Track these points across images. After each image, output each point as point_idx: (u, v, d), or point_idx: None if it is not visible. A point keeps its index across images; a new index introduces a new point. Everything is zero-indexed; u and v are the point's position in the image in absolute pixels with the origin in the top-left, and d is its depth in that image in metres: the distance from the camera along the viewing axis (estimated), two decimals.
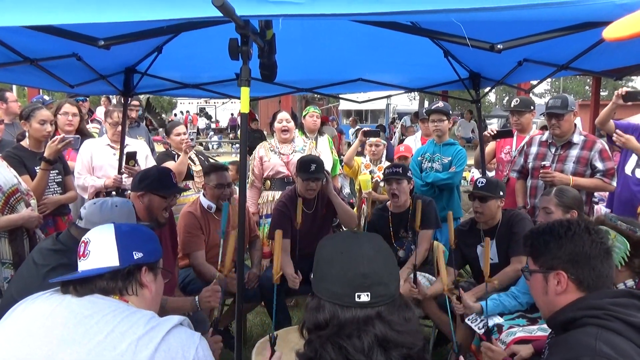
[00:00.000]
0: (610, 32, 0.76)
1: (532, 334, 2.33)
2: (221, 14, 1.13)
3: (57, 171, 3.20)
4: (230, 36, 1.52)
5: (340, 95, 4.33)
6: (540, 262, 1.45)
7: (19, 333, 1.20)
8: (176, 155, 3.98)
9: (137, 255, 1.37)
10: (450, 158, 3.94)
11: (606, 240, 1.42)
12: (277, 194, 3.77)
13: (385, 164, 4.45)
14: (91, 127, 4.58)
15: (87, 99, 4.57)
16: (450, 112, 4.10)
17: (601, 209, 4.40)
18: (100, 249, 1.36)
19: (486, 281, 2.33)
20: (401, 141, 7.47)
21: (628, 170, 3.64)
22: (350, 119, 15.76)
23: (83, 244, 1.39)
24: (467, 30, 1.41)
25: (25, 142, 3.16)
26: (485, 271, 2.30)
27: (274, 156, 3.92)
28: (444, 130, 4.00)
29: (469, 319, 2.61)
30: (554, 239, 1.43)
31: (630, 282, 1.83)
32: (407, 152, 4.56)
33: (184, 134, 4.09)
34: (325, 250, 1.13)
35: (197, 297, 2.35)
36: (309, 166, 3.10)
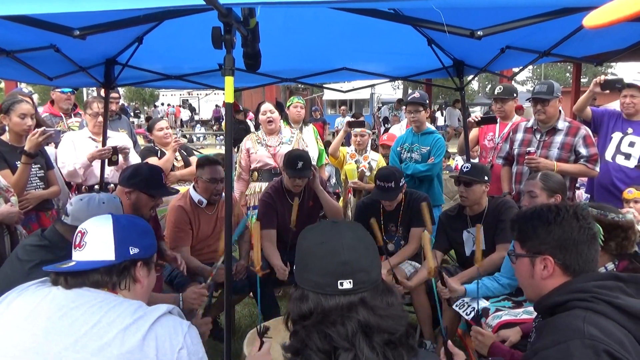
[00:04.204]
0: (590, 21, 0.77)
1: (517, 317, 2.37)
2: (203, 2, 1.11)
3: (39, 165, 3.14)
4: (212, 25, 1.49)
5: (325, 85, 4.31)
6: (528, 246, 1.45)
7: (5, 326, 1.20)
8: (159, 151, 3.97)
9: (133, 250, 1.37)
10: (429, 147, 3.97)
11: (593, 226, 1.42)
12: (265, 185, 3.76)
13: (370, 153, 4.46)
14: (74, 120, 4.47)
15: (74, 91, 4.43)
16: (427, 101, 4.13)
17: (582, 194, 4.48)
18: (97, 242, 1.34)
19: (478, 265, 2.37)
20: (386, 130, 7.49)
21: (608, 156, 3.70)
22: (342, 108, 15.77)
23: (80, 234, 1.37)
24: (448, 17, 1.41)
25: (5, 137, 3.09)
26: (477, 256, 2.33)
27: (261, 148, 3.92)
28: (421, 120, 4.04)
29: (456, 305, 2.64)
30: (542, 224, 1.42)
31: (610, 265, 1.87)
32: (390, 140, 4.60)
33: (167, 128, 4.08)
34: (306, 241, 1.13)
35: (181, 295, 2.31)
36: (295, 163, 3.09)
